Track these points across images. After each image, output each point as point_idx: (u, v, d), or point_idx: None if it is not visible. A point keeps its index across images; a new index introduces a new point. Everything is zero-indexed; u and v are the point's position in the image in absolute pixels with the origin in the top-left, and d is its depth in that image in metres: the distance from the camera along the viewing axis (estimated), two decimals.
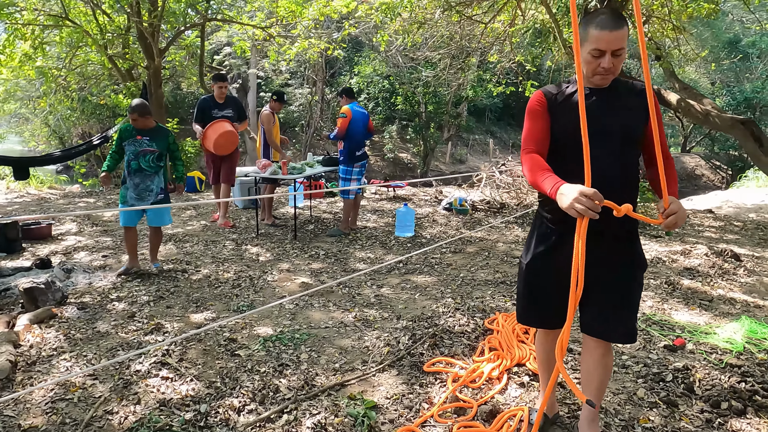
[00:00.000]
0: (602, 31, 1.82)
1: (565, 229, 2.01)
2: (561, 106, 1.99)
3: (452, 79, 16.17)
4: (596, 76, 1.90)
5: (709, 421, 2.38)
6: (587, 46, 1.86)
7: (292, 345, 3.14)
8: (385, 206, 7.67)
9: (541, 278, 2.11)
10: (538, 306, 2.15)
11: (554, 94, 2.03)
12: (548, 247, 2.06)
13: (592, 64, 1.87)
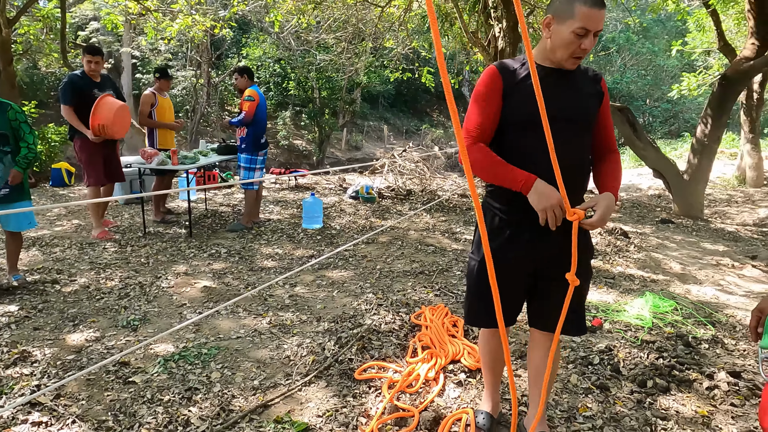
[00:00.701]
0: (592, 8, 1.65)
1: (520, 222, 1.86)
2: (519, 86, 1.80)
3: (347, 64, 15.91)
4: (571, 59, 1.74)
5: (640, 402, 2.42)
6: (572, 23, 1.67)
7: (199, 363, 2.72)
8: (287, 196, 7.24)
9: (498, 273, 1.95)
10: (489, 305, 1.99)
11: (511, 71, 1.82)
12: (502, 242, 1.90)
13: (573, 45, 1.70)
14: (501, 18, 6.54)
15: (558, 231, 1.82)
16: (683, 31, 19.75)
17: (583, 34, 1.67)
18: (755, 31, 6.95)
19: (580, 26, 1.66)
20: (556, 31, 1.71)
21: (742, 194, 9.88)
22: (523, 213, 1.82)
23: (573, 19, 1.66)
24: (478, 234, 2.01)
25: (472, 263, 2.02)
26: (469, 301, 2.06)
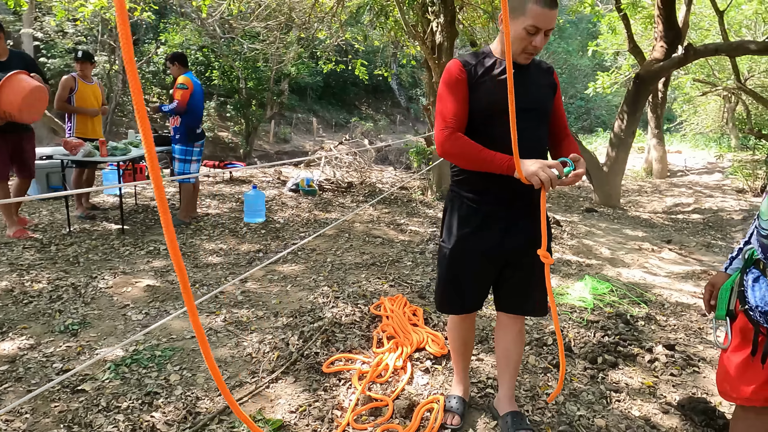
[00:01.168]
0: (543, 8, 1.73)
1: (490, 209, 1.94)
2: (481, 79, 1.89)
3: (276, 54, 15.49)
4: (523, 54, 1.82)
5: (594, 377, 2.59)
6: (523, 21, 1.75)
7: (154, 366, 2.56)
8: (223, 190, 6.97)
9: (466, 261, 2.01)
10: (461, 291, 2.05)
11: (473, 65, 1.91)
12: (473, 229, 1.96)
13: (525, 41, 1.79)
14: (438, 13, 6.67)
15: (525, 220, 1.92)
16: (595, 32, 21.16)
17: (534, 32, 1.76)
18: (663, 36, 7.59)
19: (531, 24, 1.74)
20: (510, 29, 1.78)
21: (650, 185, 10.80)
22: (493, 200, 1.91)
23: (525, 16, 1.74)
24: (447, 221, 2.06)
25: (443, 251, 2.06)
26: (441, 288, 2.10)
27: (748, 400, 1.51)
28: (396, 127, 28.43)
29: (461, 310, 2.10)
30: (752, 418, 1.58)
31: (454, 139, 1.85)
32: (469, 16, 9.97)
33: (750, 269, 1.49)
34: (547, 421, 2.21)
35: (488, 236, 1.95)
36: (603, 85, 12.25)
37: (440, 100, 1.93)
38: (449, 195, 2.09)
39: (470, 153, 1.82)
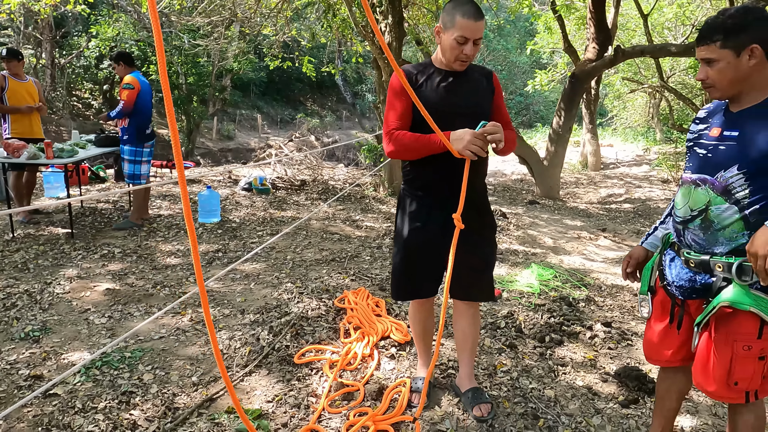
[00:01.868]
0: (469, 20, 1.96)
1: (433, 203, 2.15)
2: (422, 87, 2.10)
3: (218, 49, 15.16)
4: (457, 62, 2.04)
5: (542, 354, 2.86)
6: (453, 32, 1.98)
7: (125, 367, 2.60)
8: (173, 190, 6.85)
9: (418, 252, 2.21)
10: (415, 280, 2.25)
11: (414, 74, 2.12)
12: (422, 222, 2.18)
13: (456, 50, 2.00)
14: (386, 13, 6.83)
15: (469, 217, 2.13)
16: (532, 31, 22.07)
17: (463, 42, 1.99)
18: (595, 37, 8.13)
19: (460, 35, 1.97)
20: (443, 39, 2.04)
21: (586, 177, 11.50)
22: (436, 196, 2.14)
23: (454, 28, 1.97)
24: (400, 217, 2.27)
25: (397, 244, 2.28)
26: (395, 277, 2.31)
27: (668, 361, 1.79)
28: (342, 123, 28.45)
29: (415, 296, 2.32)
30: (671, 377, 1.88)
31: (395, 138, 2.07)
32: (413, 15, 10.22)
33: (667, 251, 1.76)
34: (504, 395, 2.45)
35: (436, 229, 2.15)
36: (541, 82, 12.88)
37: (386, 109, 2.16)
38: (401, 193, 2.31)
39: (409, 143, 2.03)
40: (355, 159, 16.63)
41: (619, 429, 2.24)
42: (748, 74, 1.49)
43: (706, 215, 1.57)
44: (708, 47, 1.51)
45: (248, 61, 20.20)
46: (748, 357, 1.54)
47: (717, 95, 1.56)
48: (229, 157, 21.26)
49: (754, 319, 1.52)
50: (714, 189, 1.55)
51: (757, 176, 1.48)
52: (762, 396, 1.61)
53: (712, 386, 1.61)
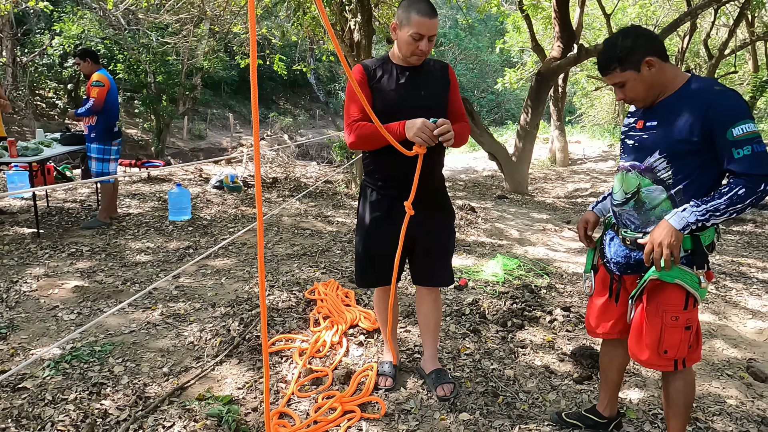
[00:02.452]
0: (423, 17, 2.06)
1: (393, 193, 2.25)
2: (381, 81, 2.19)
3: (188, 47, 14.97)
4: (413, 57, 2.15)
5: (504, 338, 3.00)
6: (408, 29, 2.08)
7: (95, 360, 2.62)
8: (142, 189, 6.79)
9: (379, 241, 2.31)
10: (376, 267, 2.35)
11: (373, 68, 2.21)
12: (383, 213, 2.28)
13: (412, 46, 2.11)
14: (356, 12, 6.91)
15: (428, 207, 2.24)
16: (501, 30, 22.41)
17: (418, 38, 2.09)
18: (560, 36, 8.37)
19: (415, 31, 2.07)
20: (399, 35, 2.13)
21: (554, 172, 11.80)
22: (396, 186, 2.23)
23: (409, 25, 2.07)
24: (361, 208, 2.37)
25: (359, 233, 2.39)
26: (358, 265, 2.42)
27: (608, 333, 1.96)
28: (315, 122, 28.38)
29: (377, 284, 2.42)
30: (612, 351, 2.04)
31: (354, 128, 2.16)
32: (383, 13, 10.32)
33: (608, 231, 1.91)
34: (466, 376, 2.57)
35: (393, 219, 2.25)
36: (510, 80, 13.15)
37: (346, 102, 2.23)
38: (362, 185, 2.41)
39: (368, 133, 2.12)
40: (328, 158, 16.66)
41: (572, 403, 2.38)
42: (655, 81, 1.68)
43: (638, 197, 1.74)
44: (612, 75, 1.70)
45: (219, 59, 19.96)
46: (676, 327, 1.69)
47: (641, 105, 1.76)
48: (201, 157, 20.99)
49: (680, 292, 1.68)
50: (642, 173, 1.72)
51: (676, 158, 1.65)
52: (689, 364, 1.77)
53: (644, 355, 1.76)
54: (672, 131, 1.64)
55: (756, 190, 1.56)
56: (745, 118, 1.56)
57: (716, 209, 1.58)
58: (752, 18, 13.18)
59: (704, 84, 1.66)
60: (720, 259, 4.89)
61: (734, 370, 2.76)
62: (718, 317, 3.47)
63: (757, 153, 1.55)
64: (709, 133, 1.58)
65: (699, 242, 1.68)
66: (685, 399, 1.81)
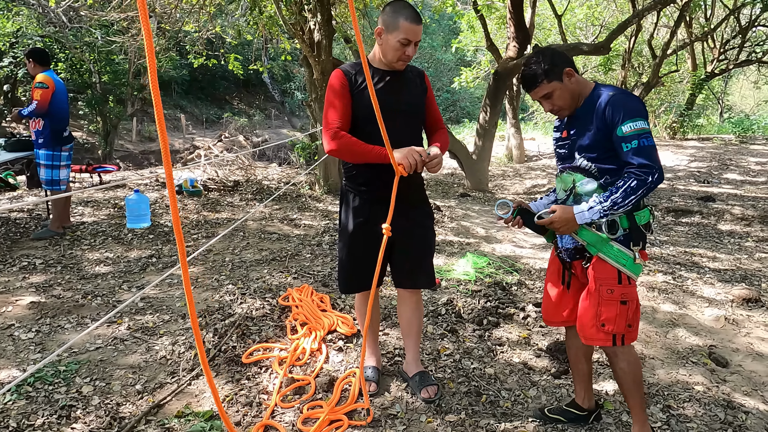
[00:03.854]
0: (412, 24, 2.08)
1: (374, 197, 2.25)
2: (361, 86, 2.17)
3: (135, 45, 14.38)
4: (399, 62, 2.16)
5: (481, 336, 3.04)
6: (397, 34, 2.09)
7: (61, 381, 2.48)
8: (95, 196, 6.48)
9: (363, 245, 2.30)
10: (360, 273, 2.33)
11: (353, 74, 2.20)
12: (366, 217, 2.27)
13: (399, 51, 2.12)
14: (315, 11, 6.83)
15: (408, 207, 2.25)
16: (456, 29, 22.72)
17: (406, 43, 2.11)
18: (515, 36, 8.56)
19: (404, 37, 2.09)
20: (385, 40, 2.14)
21: (511, 169, 12.07)
22: (377, 190, 2.23)
23: (398, 31, 2.09)
24: (344, 213, 2.36)
25: (342, 239, 2.37)
26: (343, 272, 2.39)
27: (564, 321, 2.11)
28: (271, 122, 27.91)
29: (362, 289, 2.40)
30: (574, 338, 2.15)
31: (338, 138, 2.13)
32: (341, 13, 10.25)
33: None
34: (448, 376, 2.59)
35: (376, 224, 2.24)
36: (467, 79, 13.35)
37: (326, 107, 2.20)
38: (343, 188, 2.38)
39: (352, 148, 2.11)
40: (286, 158, 16.40)
41: (552, 398, 2.44)
42: (575, 89, 1.92)
43: (575, 191, 1.95)
44: (540, 87, 1.91)
45: (169, 58, 19.29)
46: (612, 300, 1.86)
47: (566, 114, 1.97)
48: (152, 160, 20.25)
49: (613, 267, 1.86)
50: (574, 171, 1.96)
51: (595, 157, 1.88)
52: (627, 342, 1.91)
53: (586, 330, 1.92)
54: (586, 135, 1.89)
55: (646, 181, 1.75)
56: (635, 116, 1.78)
57: (615, 203, 1.78)
58: (690, 20, 13.93)
59: (605, 90, 1.89)
60: (674, 250, 5.14)
61: (698, 357, 2.90)
62: (678, 307, 3.64)
63: (642, 146, 1.77)
64: (608, 131, 1.82)
65: (635, 221, 1.87)
66: (633, 377, 1.95)
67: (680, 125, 14.79)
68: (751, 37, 15.45)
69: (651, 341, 3.10)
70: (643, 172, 1.75)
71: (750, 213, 6.52)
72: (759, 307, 3.68)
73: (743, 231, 5.97)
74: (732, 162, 10.70)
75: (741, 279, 4.26)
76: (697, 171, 9.97)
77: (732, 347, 3.06)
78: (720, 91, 22.56)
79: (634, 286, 1.90)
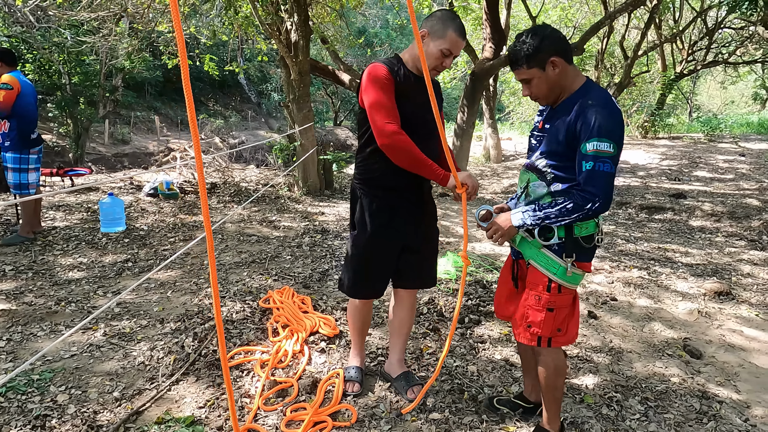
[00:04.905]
0: (459, 38, 2.09)
1: (397, 203, 2.23)
2: (403, 87, 2.13)
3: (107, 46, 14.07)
4: (435, 70, 2.14)
5: (463, 335, 3.06)
6: (441, 44, 2.07)
7: (35, 390, 2.41)
8: (67, 200, 6.31)
9: (379, 252, 2.27)
10: (373, 279, 2.32)
11: (395, 71, 2.14)
12: (385, 221, 2.24)
13: (439, 60, 2.10)
14: (291, 12, 6.78)
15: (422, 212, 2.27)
16: None
17: (448, 54, 2.10)
18: (491, 37, 8.65)
19: (447, 48, 2.08)
20: (430, 46, 2.10)
21: (489, 169, 12.19)
22: (401, 198, 2.23)
23: (443, 40, 2.08)
24: (359, 216, 2.28)
25: (357, 243, 2.29)
26: (353, 276, 2.33)
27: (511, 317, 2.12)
28: (248, 124, 27.63)
29: (373, 295, 2.38)
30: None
31: (401, 136, 2.04)
32: (318, 13, 10.21)
33: None
34: (431, 375, 2.59)
35: (393, 229, 2.25)
36: (443, 80, 13.43)
37: (376, 96, 2.06)
38: (356, 190, 2.30)
39: (413, 155, 2.04)
40: (264, 160, 16.24)
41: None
42: (558, 81, 1.81)
43: (528, 190, 1.94)
44: (519, 71, 1.84)
45: (142, 59, 18.93)
46: (538, 306, 1.90)
47: (544, 103, 1.92)
48: (126, 163, 19.87)
49: (543, 275, 1.88)
50: (529, 169, 1.94)
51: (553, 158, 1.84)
52: (554, 345, 1.94)
53: (516, 326, 1.98)
54: (554, 135, 1.82)
55: (583, 207, 1.71)
56: (603, 136, 1.67)
57: (547, 217, 1.78)
58: (659, 22, 14.30)
59: (592, 95, 1.77)
60: (648, 246, 5.26)
61: (673, 350, 2.98)
62: (654, 301, 3.73)
63: (596, 171, 1.68)
64: (574, 141, 1.75)
65: (572, 232, 1.85)
66: (547, 381, 1.98)
67: (651, 124, 15.16)
68: (717, 39, 15.94)
69: (628, 335, 3.17)
70: (585, 198, 1.71)
71: (719, 209, 6.72)
72: (730, 299, 3.79)
73: (713, 226, 6.14)
74: (701, 160, 11.01)
75: (712, 273, 4.38)
76: (669, 169, 10.22)
77: (705, 339, 3.15)
78: (689, 91, 23.20)
79: (568, 294, 1.88)
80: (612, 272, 4.37)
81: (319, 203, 6.90)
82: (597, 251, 4.98)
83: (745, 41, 15.19)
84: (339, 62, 9.88)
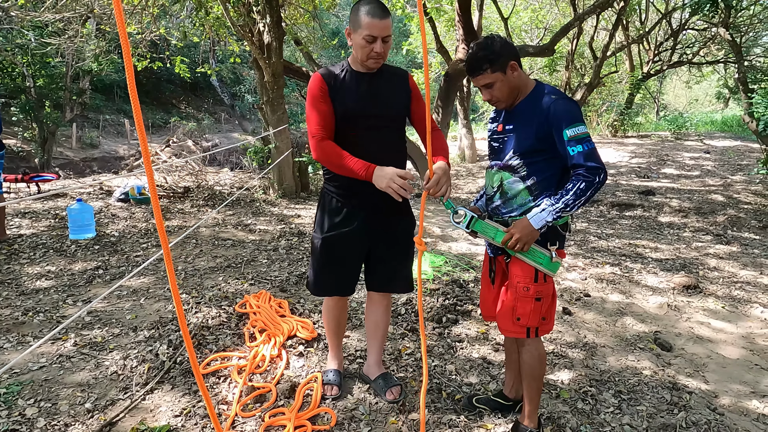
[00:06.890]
0: (373, 18, 2.01)
1: (355, 204, 2.21)
2: (340, 89, 2.12)
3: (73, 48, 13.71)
4: (370, 60, 2.09)
5: (441, 334, 3.08)
6: (361, 32, 2.02)
7: (2, 404, 2.33)
8: (33, 206, 6.13)
9: (336, 249, 2.26)
10: (334, 276, 2.31)
11: (332, 78, 2.13)
12: (340, 220, 2.23)
13: (366, 49, 2.05)
14: (264, 13, 6.73)
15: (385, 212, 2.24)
16: (405, 32, 22.93)
17: (371, 40, 2.04)
18: (464, 38, 8.73)
19: (367, 33, 2.02)
20: (354, 40, 2.08)
21: (464, 169, 12.30)
22: (357, 197, 2.19)
23: (361, 28, 2.03)
24: (320, 216, 2.30)
25: (316, 241, 2.30)
26: (315, 274, 2.33)
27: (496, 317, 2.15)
28: (222, 126, 27.25)
29: (336, 292, 2.36)
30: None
31: (322, 146, 2.07)
32: (291, 14, 10.14)
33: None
34: (410, 375, 2.60)
35: (352, 227, 2.22)
36: (418, 81, 13.50)
37: (308, 112, 2.13)
38: (322, 192, 2.33)
39: (335, 159, 2.06)
40: (238, 162, 16.04)
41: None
42: (516, 83, 1.95)
43: (502, 188, 2.00)
44: (483, 76, 1.91)
45: (110, 61, 18.49)
46: (527, 297, 1.96)
47: (503, 106, 2.01)
48: (95, 167, 19.38)
49: (530, 266, 1.94)
50: (502, 169, 2.00)
51: (525, 155, 1.93)
52: (541, 334, 2.01)
53: (502, 323, 2.02)
54: (522, 133, 1.93)
55: (594, 182, 1.82)
56: (576, 122, 1.84)
57: (567, 204, 1.83)
58: (627, 23, 14.65)
59: (546, 92, 1.92)
60: (619, 242, 5.39)
61: (644, 343, 3.05)
62: (625, 296, 3.82)
63: (587, 150, 1.83)
64: (549, 134, 1.87)
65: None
66: (531, 371, 2.04)
67: (621, 123, 15.51)
68: (681, 40, 16.42)
69: (601, 330, 3.24)
70: (592, 173, 1.81)
71: (686, 205, 6.92)
72: (698, 293, 3.91)
73: (681, 222, 6.33)
74: (669, 157, 11.32)
75: (681, 267, 4.51)
76: (638, 166, 10.48)
77: (675, 332, 3.24)
78: (656, 91, 23.83)
79: (551, 282, 1.99)
80: (585, 269, 4.45)
81: (295, 206, 6.86)
82: (571, 248, 5.08)
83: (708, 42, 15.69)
84: (313, 64, 9.84)
